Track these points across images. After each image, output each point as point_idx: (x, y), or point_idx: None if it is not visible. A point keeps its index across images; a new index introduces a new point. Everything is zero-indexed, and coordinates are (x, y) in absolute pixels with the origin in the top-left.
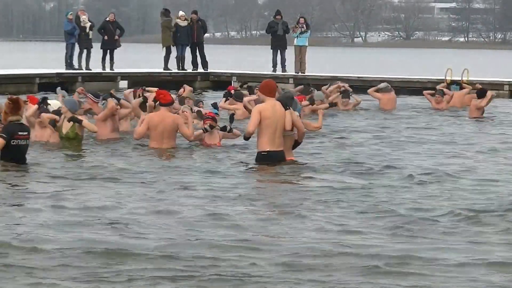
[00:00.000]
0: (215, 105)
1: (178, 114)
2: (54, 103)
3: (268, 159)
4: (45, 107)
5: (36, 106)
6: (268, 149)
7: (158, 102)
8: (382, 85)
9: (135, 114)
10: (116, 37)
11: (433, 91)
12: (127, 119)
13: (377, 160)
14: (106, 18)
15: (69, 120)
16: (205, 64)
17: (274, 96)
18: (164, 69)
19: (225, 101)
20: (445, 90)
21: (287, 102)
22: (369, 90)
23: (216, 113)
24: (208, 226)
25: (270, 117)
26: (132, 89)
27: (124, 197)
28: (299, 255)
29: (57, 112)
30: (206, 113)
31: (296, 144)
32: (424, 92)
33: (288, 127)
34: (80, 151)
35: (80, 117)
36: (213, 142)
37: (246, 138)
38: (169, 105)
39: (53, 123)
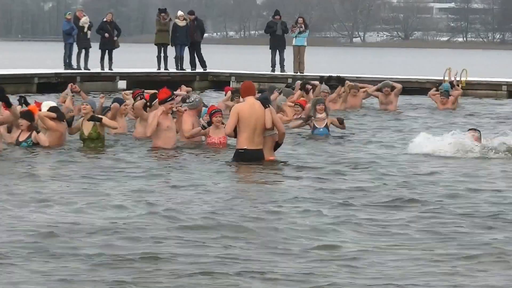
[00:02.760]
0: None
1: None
2: (47, 104)
3: (245, 157)
4: (24, 106)
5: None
6: (245, 147)
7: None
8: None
9: (138, 116)
10: (115, 38)
11: (438, 92)
12: (123, 117)
13: (356, 160)
14: (104, 18)
15: (89, 119)
16: (203, 64)
17: (253, 94)
18: (157, 69)
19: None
20: (450, 91)
21: (267, 101)
22: (370, 90)
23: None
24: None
25: (248, 116)
26: (132, 91)
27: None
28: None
29: (56, 108)
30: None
31: (277, 145)
32: (429, 93)
33: (268, 125)
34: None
35: (99, 116)
36: (218, 136)
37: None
38: (162, 103)
39: (70, 122)
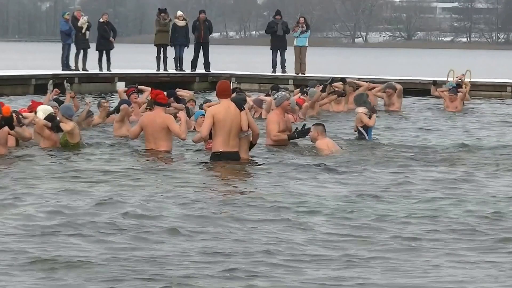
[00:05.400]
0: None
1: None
2: (44, 108)
3: (222, 160)
4: None
5: None
6: (221, 150)
7: (153, 102)
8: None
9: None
10: (111, 39)
11: (446, 89)
12: (126, 123)
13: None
14: (100, 19)
15: (45, 118)
16: (207, 65)
17: (228, 96)
18: (156, 70)
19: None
20: (458, 89)
21: (241, 103)
22: (374, 90)
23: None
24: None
25: (223, 119)
26: (126, 88)
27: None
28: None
29: (51, 117)
30: None
31: (251, 145)
32: (438, 89)
33: (245, 127)
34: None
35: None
36: None
37: (197, 142)
38: (165, 106)
39: (58, 127)
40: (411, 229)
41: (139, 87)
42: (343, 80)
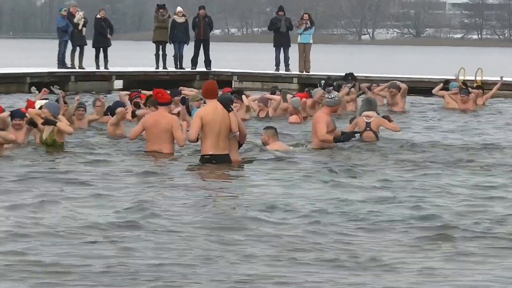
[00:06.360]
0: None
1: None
2: (40, 102)
3: (211, 163)
4: None
5: None
6: (211, 153)
7: (156, 101)
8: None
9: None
10: (108, 35)
11: (457, 91)
12: (121, 126)
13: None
14: (97, 15)
15: (43, 123)
16: (208, 63)
17: (215, 97)
18: (155, 68)
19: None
20: (470, 89)
21: (228, 104)
22: (377, 89)
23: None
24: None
25: (211, 121)
26: (128, 92)
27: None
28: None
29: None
30: None
31: (239, 145)
32: (448, 93)
33: (234, 128)
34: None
35: (56, 119)
36: None
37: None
38: (166, 105)
39: (32, 123)
40: (417, 231)
41: (143, 91)
42: (352, 75)
